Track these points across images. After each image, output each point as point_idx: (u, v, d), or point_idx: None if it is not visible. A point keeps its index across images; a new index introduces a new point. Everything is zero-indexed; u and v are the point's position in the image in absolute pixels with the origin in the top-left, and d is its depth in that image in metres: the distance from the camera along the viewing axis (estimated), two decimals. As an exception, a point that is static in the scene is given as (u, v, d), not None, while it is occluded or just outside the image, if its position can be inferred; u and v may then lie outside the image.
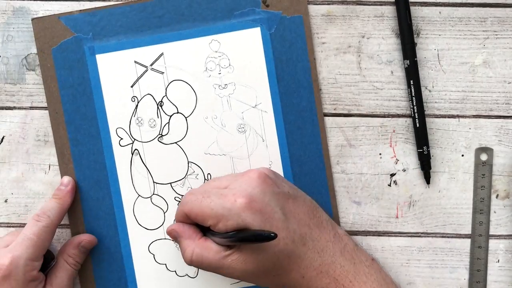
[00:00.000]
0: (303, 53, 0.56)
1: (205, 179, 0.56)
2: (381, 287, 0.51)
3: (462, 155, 0.57)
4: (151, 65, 0.56)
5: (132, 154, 0.56)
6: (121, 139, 0.56)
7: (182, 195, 0.57)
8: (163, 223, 0.57)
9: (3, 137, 0.57)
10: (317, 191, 0.56)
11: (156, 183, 0.57)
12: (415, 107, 0.55)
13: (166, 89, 0.56)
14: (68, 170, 0.56)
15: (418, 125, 0.55)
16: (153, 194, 0.57)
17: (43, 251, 0.52)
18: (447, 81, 0.57)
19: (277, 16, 0.56)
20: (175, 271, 0.57)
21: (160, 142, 0.56)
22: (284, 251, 0.49)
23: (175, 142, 0.56)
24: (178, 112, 0.56)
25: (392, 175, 0.57)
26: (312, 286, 0.50)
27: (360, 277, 0.51)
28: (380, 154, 0.57)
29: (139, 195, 0.57)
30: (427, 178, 0.57)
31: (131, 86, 0.56)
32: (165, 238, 0.57)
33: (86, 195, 0.56)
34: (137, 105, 0.56)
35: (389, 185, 0.57)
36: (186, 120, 0.56)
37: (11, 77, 0.57)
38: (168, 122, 0.56)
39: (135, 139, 0.56)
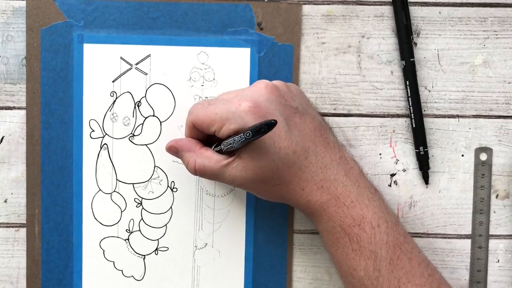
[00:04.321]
0: (288, 82, 0.56)
1: (168, 186, 0.56)
2: (382, 214, 0.49)
3: (462, 155, 0.57)
4: (137, 64, 0.56)
5: (101, 148, 0.56)
6: (93, 131, 0.56)
7: (142, 198, 0.57)
8: (118, 221, 0.57)
9: (3, 137, 0.57)
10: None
11: (119, 181, 0.56)
12: (411, 107, 0.56)
13: (146, 91, 0.56)
14: (35, 151, 0.56)
15: (414, 126, 0.56)
16: (114, 191, 0.57)
17: None
18: (447, 81, 0.57)
19: (269, 40, 0.56)
20: (121, 270, 0.57)
21: (131, 141, 0.56)
22: (284, 160, 0.48)
23: (145, 144, 0.56)
24: (154, 115, 0.56)
25: (392, 175, 0.57)
26: (311, 200, 0.49)
27: (362, 200, 0.49)
28: (380, 154, 0.57)
29: (100, 190, 0.56)
30: (426, 178, 0.57)
31: (113, 81, 0.56)
32: (117, 237, 0.57)
33: (48, 180, 0.56)
34: (114, 101, 0.56)
35: (390, 185, 0.57)
36: (161, 124, 0.56)
37: (11, 77, 0.56)
38: (142, 124, 0.56)
39: (106, 134, 0.56)
